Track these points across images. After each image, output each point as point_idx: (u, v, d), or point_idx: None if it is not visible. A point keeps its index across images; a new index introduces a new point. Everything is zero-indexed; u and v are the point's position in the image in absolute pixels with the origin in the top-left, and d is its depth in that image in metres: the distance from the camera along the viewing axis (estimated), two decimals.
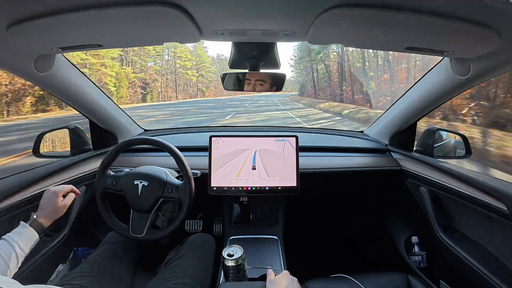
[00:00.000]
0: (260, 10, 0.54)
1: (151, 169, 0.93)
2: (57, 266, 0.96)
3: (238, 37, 0.69)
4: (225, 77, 0.83)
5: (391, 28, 0.57)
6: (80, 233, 1.05)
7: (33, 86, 8.67)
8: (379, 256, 1.38)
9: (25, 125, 9.45)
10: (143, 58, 29.12)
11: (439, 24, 0.53)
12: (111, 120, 1.18)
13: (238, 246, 0.79)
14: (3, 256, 0.62)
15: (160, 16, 0.53)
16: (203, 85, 39.61)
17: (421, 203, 1.04)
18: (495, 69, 0.71)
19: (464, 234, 0.90)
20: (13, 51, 0.66)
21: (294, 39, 0.67)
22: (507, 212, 0.70)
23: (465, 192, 0.84)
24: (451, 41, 0.62)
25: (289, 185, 1.03)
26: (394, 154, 1.24)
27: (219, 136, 1.05)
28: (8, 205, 0.77)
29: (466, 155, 1.05)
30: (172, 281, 0.77)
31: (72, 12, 0.51)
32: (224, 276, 0.78)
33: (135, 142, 0.95)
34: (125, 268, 0.86)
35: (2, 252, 0.63)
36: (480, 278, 0.75)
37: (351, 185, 1.30)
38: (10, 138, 6.78)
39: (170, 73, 32.75)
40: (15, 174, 0.86)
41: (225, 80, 0.83)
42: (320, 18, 0.53)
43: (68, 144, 1.13)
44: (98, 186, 0.89)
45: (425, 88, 0.96)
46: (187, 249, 0.91)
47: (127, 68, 25.73)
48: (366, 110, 12.86)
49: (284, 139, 1.05)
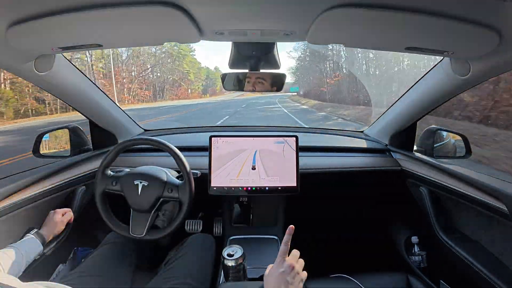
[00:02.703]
0: (260, 10, 0.54)
1: (151, 169, 0.93)
2: (57, 266, 0.96)
3: (238, 37, 0.69)
4: (225, 77, 0.83)
5: (391, 28, 0.57)
6: (80, 233, 1.05)
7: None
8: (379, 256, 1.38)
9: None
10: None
11: (439, 24, 0.53)
12: (111, 120, 1.18)
13: (238, 246, 0.79)
14: (12, 263, 0.67)
15: (160, 16, 0.53)
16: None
17: (421, 203, 1.04)
18: (495, 69, 0.71)
19: (464, 234, 0.90)
20: (13, 51, 0.66)
21: (294, 39, 0.67)
22: (507, 212, 0.70)
23: (465, 192, 0.84)
24: (451, 41, 0.62)
25: (289, 185, 1.03)
26: (394, 154, 1.24)
27: (219, 136, 1.05)
28: (8, 205, 0.77)
29: (466, 155, 1.05)
30: (172, 281, 0.77)
31: (72, 12, 0.51)
32: (224, 276, 0.78)
33: (135, 142, 0.95)
34: (125, 268, 0.86)
35: (11, 259, 0.68)
36: (480, 278, 0.75)
37: (351, 185, 1.30)
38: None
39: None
40: (15, 174, 0.86)
41: (225, 80, 0.83)
42: (320, 18, 0.53)
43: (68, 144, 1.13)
44: (98, 186, 0.89)
45: (425, 88, 0.96)
46: (187, 249, 0.91)
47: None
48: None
49: (284, 139, 1.05)
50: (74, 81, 0.92)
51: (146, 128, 1.46)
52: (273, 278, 0.55)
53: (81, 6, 0.50)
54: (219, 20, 0.58)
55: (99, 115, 1.12)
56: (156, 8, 0.50)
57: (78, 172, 1.02)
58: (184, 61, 34.71)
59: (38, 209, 0.89)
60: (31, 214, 0.87)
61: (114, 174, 0.92)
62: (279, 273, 0.55)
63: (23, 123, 12.66)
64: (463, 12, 0.50)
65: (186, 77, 35.44)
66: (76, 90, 0.95)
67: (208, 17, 0.56)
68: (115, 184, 0.89)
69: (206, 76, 44.07)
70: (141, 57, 29.54)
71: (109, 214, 0.90)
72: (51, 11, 0.51)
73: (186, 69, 35.26)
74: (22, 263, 0.71)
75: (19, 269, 0.70)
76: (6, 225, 0.78)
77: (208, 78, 45.63)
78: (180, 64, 34.18)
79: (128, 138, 0.93)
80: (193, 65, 37.11)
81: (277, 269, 0.56)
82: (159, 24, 0.58)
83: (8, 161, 5.21)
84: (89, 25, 0.56)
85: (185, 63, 34.97)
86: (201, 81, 41.04)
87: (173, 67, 33.38)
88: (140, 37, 0.67)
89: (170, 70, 33.15)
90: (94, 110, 1.08)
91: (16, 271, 0.68)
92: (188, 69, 35.55)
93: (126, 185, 0.88)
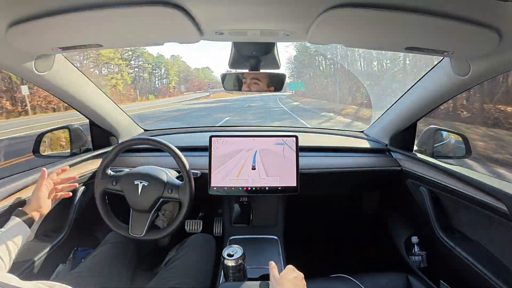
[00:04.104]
0: (260, 10, 0.54)
1: (151, 169, 0.93)
2: (57, 266, 0.96)
3: (238, 37, 0.69)
4: (225, 77, 0.83)
5: (391, 28, 0.57)
6: (80, 233, 1.05)
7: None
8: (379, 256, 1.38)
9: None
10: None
11: (439, 24, 0.53)
12: (111, 120, 1.18)
13: (238, 246, 0.79)
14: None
15: (160, 16, 0.53)
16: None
17: (421, 203, 1.04)
18: (495, 69, 0.71)
19: (464, 234, 0.90)
20: (13, 51, 0.66)
21: (294, 39, 0.67)
22: (507, 212, 0.70)
23: (465, 192, 0.84)
24: (451, 41, 0.62)
25: (289, 185, 1.03)
26: (394, 154, 1.24)
27: (219, 136, 1.05)
28: (8, 205, 0.77)
29: (466, 155, 1.05)
30: (172, 281, 0.78)
31: (72, 12, 0.51)
32: (224, 276, 0.78)
33: (135, 142, 0.95)
34: (125, 268, 0.86)
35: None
36: (480, 278, 0.75)
37: (351, 185, 1.30)
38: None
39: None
40: (15, 174, 0.86)
41: (225, 80, 0.83)
42: (320, 18, 0.53)
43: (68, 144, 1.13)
44: (98, 186, 0.89)
45: (425, 88, 0.96)
46: (187, 249, 0.91)
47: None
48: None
49: (284, 139, 1.05)
50: (74, 81, 0.92)
51: (146, 128, 1.47)
52: (289, 280, 0.59)
53: (81, 6, 0.50)
54: (219, 20, 0.58)
55: (99, 115, 1.12)
56: (156, 8, 0.50)
57: (78, 172, 1.02)
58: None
59: None
60: None
61: (114, 174, 0.92)
62: (293, 277, 0.60)
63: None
64: (463, 12, 0.50)
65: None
66: (76, 90, 0.95)
67: (208, 17, 0.56)
68: (115, 184, 0.89)
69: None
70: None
71: (109, 214, 0.90)
72: (51, 11, 0.51)
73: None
74: (10, 252, 0.64)
75: (5, 255, 0.63)
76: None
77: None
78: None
79: (128, 138, 0.93)
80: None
81: (291, 274, 0.60)
82: (159, 24, 0.58)
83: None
84: (89, 25, 0.56)
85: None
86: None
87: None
88: (140, 37, 0.67)
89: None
90: (94, 110, 1.08)
91: (3, 263, 0.62)
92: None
93: (126, 185, 0.88)
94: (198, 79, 61.75)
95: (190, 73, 58.63)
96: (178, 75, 49.84)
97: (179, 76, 50.52)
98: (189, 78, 56.85)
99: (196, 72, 63.06)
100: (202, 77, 63.55)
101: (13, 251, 0.66)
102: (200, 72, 64.78)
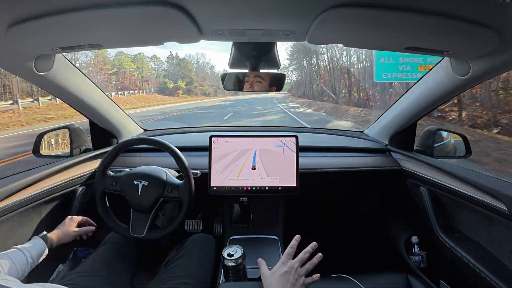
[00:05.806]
0: (260, 10, 0.54)
1: (151, 169, 0.93)
2: (57, 266, 0.96)
3: (238, 37, 0.69)
4: (225, 77, 0.83)
5: (391, 28, 0.57)
6: None
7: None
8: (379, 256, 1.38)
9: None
10: None
11: (439, 24, 0.53)
12: (111, 120, 1.18)
13: (238, 246, 0.79)
14: (16, 265, 0.66)
15: (160, 16, 0.53)
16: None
17: (421, 203, 1.04)
18: (495, 69, 0.71)
19: (464, 234, 0.90)
20: (13, 51, 0.66)
21: (294, 39, 0.67)
22: (507, 212, 0.70)
23: (465, 192, 0.84)
24: (451, 41, 0.62)
25: (289, 185, 1.03)
26: (394, 154, 1.24)
27: (219, 136, 1.05)
28: (8, 205, 0.77)
29: (466, 155, 1.05)
30: (172, 281, 0.77)
31: (72, 12, 0.51)
32: (224, 276, 0.78)
33: (135, 142, 0.95)
34: (125, 268, 0.86)
35: (16, 261, 0.67)
36: (480, 278, 0.75)
37: (351, 185, 1.30)
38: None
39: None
40: (15, 174, 0.86)
41: (225, 80, 0.83)
42: (320, 18, 0.53)
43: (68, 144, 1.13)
44: (98, 186, 0.89)
45: (425, 88, 0.96)
46: (187, 249, 0.91)
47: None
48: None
49: (284, 139, 1.05)
50: (74, 81, 0.92)
51: (146, 128, 1.47)
52: (275, 276, 0.55)
53: (81, 6, 0.50)
54: (219, 20, 0.58)
55: (99, 115, 1.12)
56: (156, 8, 0.50)
57: (78, 172, 1.02)
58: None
59: (38, 209, 0.89)
60: (31, 214, 0.87)
61: (114, 174, 0.92)
62: (282, 272, 0.55)
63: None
64: (463, 12, 0.50)
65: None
66: (76, 90, 0.95)
67: (208, 17, 0.56)
68: (115, 184, 0.89)
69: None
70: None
71: (109, 214, 0.90)
72: (51, 11, 0.51)
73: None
74: (27, 266, 0.69)
75: (22, 272, 0.68)
76: (6, 225, 0.78)
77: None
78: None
79: (128, 138, 0.93)
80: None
81: (281, 268, 0.56)
82: (159, 24, 0.58)
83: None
84: (89, 25, 0.56)
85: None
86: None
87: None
88: (140, 37, 0.67)
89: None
90: (94, 110, 1.08)
91: (19, 274, 0.67)
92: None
93: (126, 185, 0.88)
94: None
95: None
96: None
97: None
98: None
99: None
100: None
101: (29, 268, 0.71)
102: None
